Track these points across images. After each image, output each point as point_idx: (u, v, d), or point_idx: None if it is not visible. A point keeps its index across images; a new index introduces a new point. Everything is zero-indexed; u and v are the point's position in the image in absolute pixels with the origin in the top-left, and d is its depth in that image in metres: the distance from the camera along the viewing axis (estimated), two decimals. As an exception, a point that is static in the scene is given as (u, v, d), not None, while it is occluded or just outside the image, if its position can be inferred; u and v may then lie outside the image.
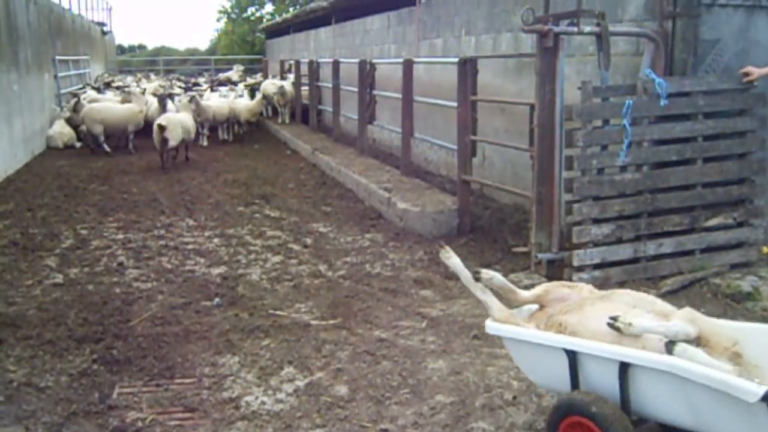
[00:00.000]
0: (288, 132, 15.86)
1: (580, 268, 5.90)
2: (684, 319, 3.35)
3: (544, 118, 5.87)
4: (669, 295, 5.72)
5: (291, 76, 19.94)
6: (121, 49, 57.78)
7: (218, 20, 52.81)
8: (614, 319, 3.39)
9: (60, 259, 7.04)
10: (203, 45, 61.01)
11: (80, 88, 16.33)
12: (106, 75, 26.09)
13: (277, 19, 31.78)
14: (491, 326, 3.84)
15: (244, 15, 48.56)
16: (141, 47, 63.58)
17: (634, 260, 6.06)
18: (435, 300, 5.83)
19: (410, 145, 9.69)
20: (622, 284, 5.96)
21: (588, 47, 7.35)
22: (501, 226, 7.92)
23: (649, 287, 5.91)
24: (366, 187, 9.08)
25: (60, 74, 17.11)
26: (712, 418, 3.08)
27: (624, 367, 3.28)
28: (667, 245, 6.08)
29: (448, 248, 4.23)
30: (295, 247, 7.31)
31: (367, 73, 11.50)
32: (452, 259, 4.15)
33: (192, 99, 14.27)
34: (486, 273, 4.04)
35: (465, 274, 4.08)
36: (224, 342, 4.99)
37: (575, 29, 5.83)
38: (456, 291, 6.02)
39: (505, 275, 6.22)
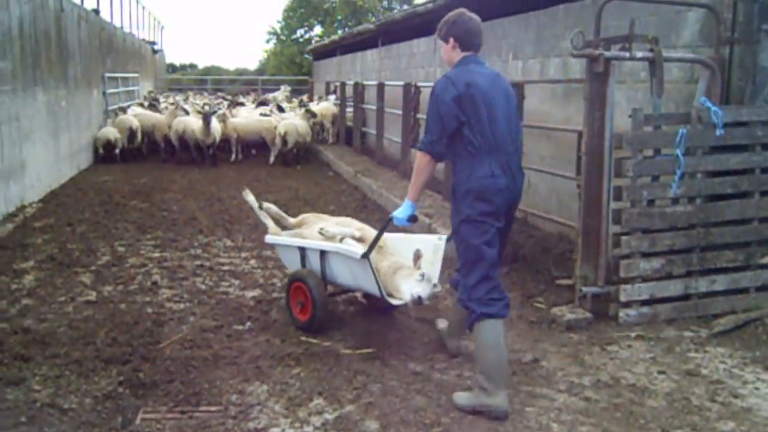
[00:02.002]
0: (331, 153, 15.80)
1: (627, 304, 5.64)
2: (356, 228, 5.79)
3: (592, 146, 5.64)
4: (721, 336, 5.43)
5: (332, 97, 19.93)
6: (173, 68, 58.74)
7: (268, 41, 53.52)
8: (321, 229, 5.67)
9: (95, 275, 6.98)
10: (252, 65, 61.68)
11: (126, 106, 16.53)
12: (153, 92, 26.43)
13: (325, 41, 31.91)
14: (268, 238, 6.14)
15: (293, 36, 49.09)
16: (192, 66, 64.57)
17: (685, 297, 5.78)
18: (473, 332, 5.60)
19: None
20: (671, 322, 5.70)
21: (639, 73, 7.11)
22: (544, 256, 7.66)
23: (700, 326, 5.63)
24: (421, 226, 8.89)
25: (109, 91, 17.32)
26: (353, 274, 5.33)
27: (323, 254, 5.54)
28: (720, 282, 5.80)
29: (246, 189, 6.61)
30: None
31: (412, 96, 11.37)
32: (249, 196, 6.49)
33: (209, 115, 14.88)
34: (267, 204, 6.48)
35: (254, 205, 6.42)
36: (253, 369, 4.82)
37: (627, 54, 5.61)
38: (496, 323, 5.80)
39: (548, 308, 6.06)
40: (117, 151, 15.31)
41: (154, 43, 32.77)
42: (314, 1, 47.10)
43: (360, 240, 5.54)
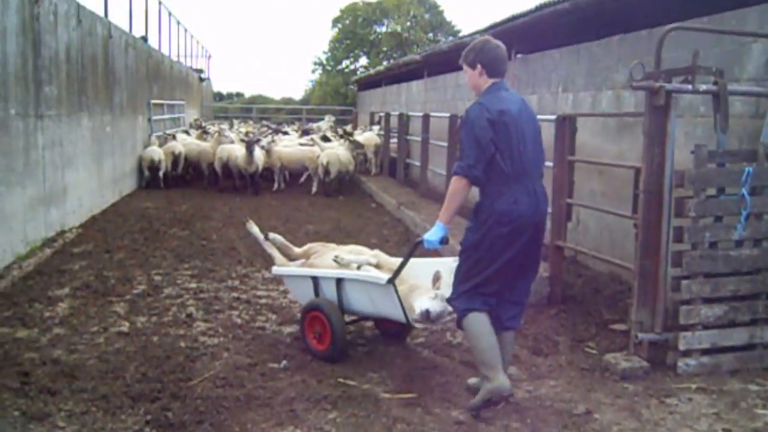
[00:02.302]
0: (374, 184, 15.59)
1: (687, 353, 5.26)
2: (370, 255, 5.81)
3: (651, 184, 5.31)
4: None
5: (376, 128, 19.79)
6: (220, 96, 59.42)
7: (313, 71, 53.97)
8: (336, 257, 5.68)
9: (129, 305, 6.81)
10: (298, 95, 62.17)
11: (166, 133, 16.63)
12: (199, 120, 26.61)
13: (370, 71, 31.94)
14: (275, 270, 6.13)
15: (339, 67, 49.38)
16: (239, 95, 65.23)
17: (750, 347, 5.39)
18: (521, 379, 5.26)
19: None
20: (734, 373, 5.30)
21: (698, 107, 6.79)
22: (595, 297, 7.31)
23: (767, 379, 5.22)
24: (451, 248, 8.57)
25: (154, 117, 17.40)
26: (374, 301, 5.29)
27: (339, 282, 5.48)
28: (789, 332, 5.40)
29: (250, 221, 6.75)
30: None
31: (457, 128, 11.09)
32: (253, 228, 6.57)
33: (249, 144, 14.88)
34: (272, 234, 6.48)
35: (259, 237, 6.47)
36: (287, 412, 4.55)
37: (690, 87, 5.29)
38: (545, 369, 5.47)
39: (601, 354, 5.70)
40: (161, 173, 15.32)
41: (201, 71, 33.12)
42: (360, 33, 47.44)
43: (377, 266, 5.61)
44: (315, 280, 5.67)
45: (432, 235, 4.54)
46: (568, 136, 6.83)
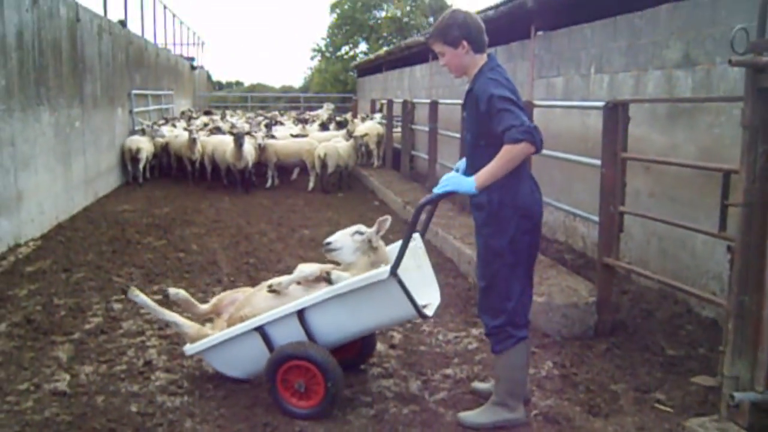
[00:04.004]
0: (377, 179, 14.18)
1: (805, 420, 3.91)
2: (306, 266, 4.63)
3: (753, 194, 3.93)
4: None
5: (377, 116, 18.38)
6: (220, 86, 58.14)
7: (312, 58, 52.56)
8: (270, 286, 4.62)
9: (75, 348, 5.44)
10: (297, 83, 60.66)
11: (153, 124, 15.23)
12: (191, 110, 25.23)
13: (370, 56, 30.45)
14: (189, 349, 4.69)
15: (338, 53, 48.04)
16: (238, 84, 63.87)
17: None
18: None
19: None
20: None
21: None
22: (649, 323, 5.98)
23: None
24: (471, 260, 7.18)
25: (137, 109, 16.00)
26: (367, 312, 4.29)
27: (301, 314, 4.33)
28: None
29: (134, 289, 4.95)
30: (379, 346, 5.49)
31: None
32: (140, 297, 4.88)
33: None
34: (173, 290, 5.01)
35: (152, 306, 4.90)
36: None
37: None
38: (607, 440, 4.13)
39: (678, 414, 4.36)
40: (140, 165, 14.23)
41: (192, 59, 31.62)
42: (359, 18, 46.05)
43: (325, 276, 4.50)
44: (262, 331, 4.43)
45: (458, 185, 3.92)
46: (621, 128, 5.44)
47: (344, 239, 4.57)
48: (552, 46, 9.72)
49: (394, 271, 4.07)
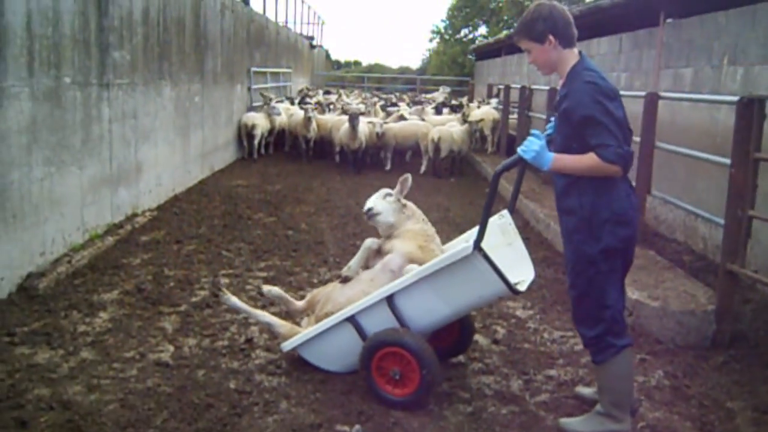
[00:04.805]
0: (490, 166, 13.91)
1: None
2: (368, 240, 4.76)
3: None
4: None
5: (494, 101, 18.04)
6: (338, 65, 58.82)
7: (431, 40, 52.34)
8: (340, 275, 4.70)
9: (181, 320, 5.56)
10: (415, 64, 60.59)
11: (269, 101, 15.45)
12: (311, 88, 25.55)
13: (489, 40, 29.97)
14: (285, 345, 4.65)
15: (457, 36, 47.64)
16: (356, 63, 64.40)
17: None
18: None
19: (645, 202, 7.41)
20: None
21: None
22: (774, 335, 5.55)
23: None
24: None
25: (255, 86, 16.29)
26: (455, 292, 4.14)
27: (390, 300, 4.26)
28: None
29: (226, 291, 4.98)
30: (481, 340, 5.34)
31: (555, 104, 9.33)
32: (231, 300, 4.90)
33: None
34: (267, 287, 5.10)
35: (244, 308, 4.91)
36: None
37: None
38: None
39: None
40: (255, 141, 14.59)
41: (312, 38, 31.98)
42: (480, 1, 45.42)
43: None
44: (354, 320, 4.40)
45: (538, 157, 3.74)
46: (755, 126, 5.04)
47: (381, 203, 4.75)
48: (682, 34, 9.19)
49: (477, 245, 3.94)
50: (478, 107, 17.26)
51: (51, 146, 6.48)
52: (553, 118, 4.20)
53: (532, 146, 3.73)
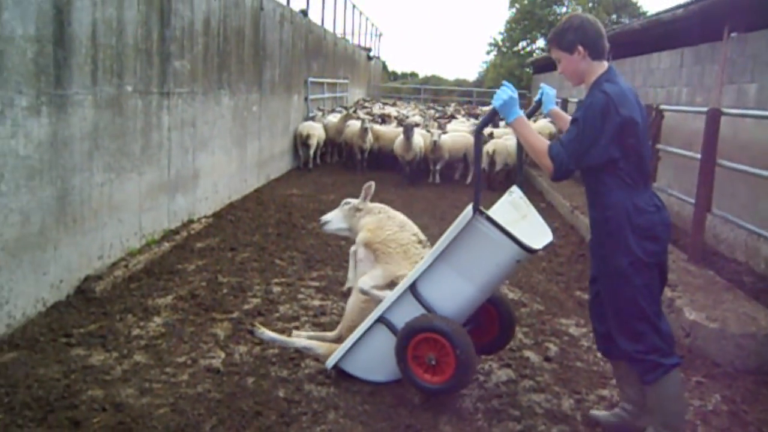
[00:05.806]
0: (545, 180, 13.79)
1: None
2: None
3: None
4: None
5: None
6: (395, 76, 59.06)
7: (488, 53, 52.22)
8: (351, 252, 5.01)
9: (233, 327, 5.61)
10: (471, 76, 60.51)
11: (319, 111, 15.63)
12: (368, 100, 25.67)
13: (546, 53, 29.73)
14: (329, 363, 4.64)
15: (515, 49, 47.42)
16: (413, 75, 64.60)
17: None
18: None
19: (704, 221, 7.24)
20: None
21: None
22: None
23: None
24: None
25: (312, 96, 16.43)
26: (471, 264, 4.13)
27: (413, 288, 4.29)
28: None
29: (260, 326, 5.00)
30: (532, 357, 5.27)
31: (652, 121, 9.17)
32: (266, 333, 4.92)
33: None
34: (296, 333, 5.18)
35: (280, 339, 4.94)
36: None
37: None
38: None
39: None
40: (311, 151, 14.68)
41: (369, 49, 32.16)
42: (539, 13, 45.20)
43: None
44: (383, 319, 4.46)
45: (507, 106, 3.87)
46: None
47: (333, 213, 5.20)
48: (747, 49, 8.98)
49: (476, 209, 4.02)
50: (535, 121, 17.11)
51: (111, 153, 6.63)
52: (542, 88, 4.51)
53: (502, 95, 3.83)
